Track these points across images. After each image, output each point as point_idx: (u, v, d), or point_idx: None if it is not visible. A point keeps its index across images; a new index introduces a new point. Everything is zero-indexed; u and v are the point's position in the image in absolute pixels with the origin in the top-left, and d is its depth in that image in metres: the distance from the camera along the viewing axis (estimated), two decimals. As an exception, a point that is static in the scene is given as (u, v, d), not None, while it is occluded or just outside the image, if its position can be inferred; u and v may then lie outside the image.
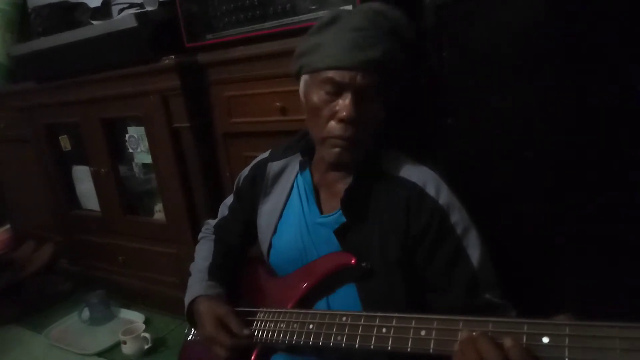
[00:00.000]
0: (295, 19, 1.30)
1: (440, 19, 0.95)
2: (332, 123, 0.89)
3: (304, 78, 0.94)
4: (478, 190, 1.02)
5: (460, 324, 0.68)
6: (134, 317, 1.94)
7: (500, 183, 1.02)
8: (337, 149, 0.90)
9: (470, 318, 0.68)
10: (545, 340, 0.60)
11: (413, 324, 0.73)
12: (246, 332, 0.94)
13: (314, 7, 1.27)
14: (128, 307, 2.04)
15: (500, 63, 0.95)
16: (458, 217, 0.88)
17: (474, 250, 0.87)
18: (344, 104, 0.86)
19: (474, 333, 0.65)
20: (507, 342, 0.61)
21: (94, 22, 1.72)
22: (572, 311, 0.61)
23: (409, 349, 0.72)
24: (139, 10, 1.54)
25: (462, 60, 0.98)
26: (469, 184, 0.97)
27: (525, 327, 0.62)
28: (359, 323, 0.80)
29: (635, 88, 0.82)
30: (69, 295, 2.26)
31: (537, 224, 1.01)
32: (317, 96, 0.90)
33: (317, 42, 0.89)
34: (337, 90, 0.86)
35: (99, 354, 1.76)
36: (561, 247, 0.99)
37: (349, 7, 1.19)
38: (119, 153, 1.94)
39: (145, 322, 1.88)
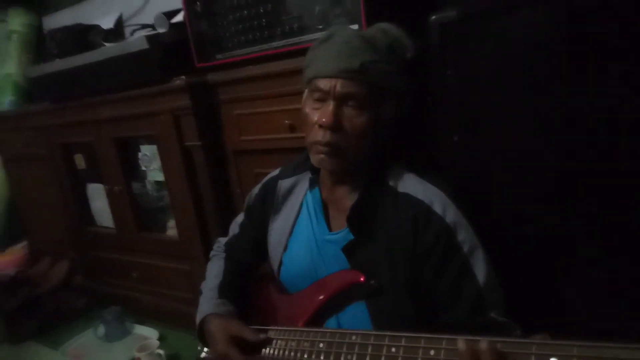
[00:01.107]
0: (303, 38, 1.32)
1: (444, 37, 0.95)
2: (315, 128, 0.91)
3: (305, 91, 0.98)
4: (485, 206, 1.02)
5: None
6: (149, 333, 1.95)
7: (507, 199, 1.02)
8: (320, 155, 0.92)
9: (479, 338, 0.68)
10: (554, 361, 0.60)
11: (422, 344, 0.73)
12: (262, 336, 0.95)
13: (320, 27, 1.29)
14: (142, 323, 2.05)
15: (505, 80, 0.95)
16: (465, 235, 0.88)
17: (480, 269, 0.88)
18: (324, 110, 0.89)
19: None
20: (482, 344, 0.64)
21: (107, 44, 1.76)
22: (552, 330, 0.63)
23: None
24: (150, 33, 1.58)
25: (466, 77, 0.98)
26: (475, 200, 0.97)
27: (534, 348, 0.62)
28: (369, 342, 0.80)
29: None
30: (84, 311, 2.28)
31: (545, 239, 1.00)
32: (308, 105, 0.94)
33: (312, 56, 0.93)
34: (323, 98, 0.90)
35: (114, 371, 1.78)
36: (571, 263, 0.98)
37: (355, 27, 1.21)
38: (132, 171, 1.97)
39: (160, 338, 1.89)
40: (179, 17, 1.60)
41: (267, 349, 0.96)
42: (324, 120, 0.88)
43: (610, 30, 0.84)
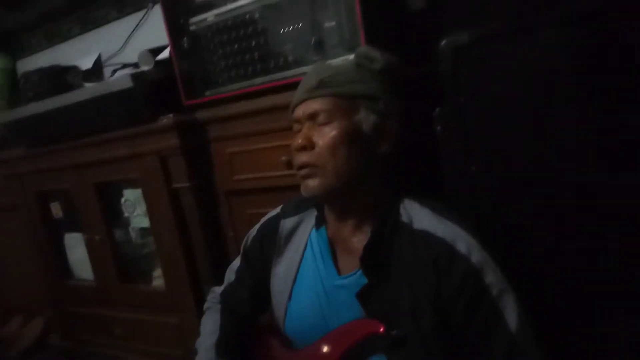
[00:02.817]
0: (298, 70, 1.27)
1: (456, 63, 0.91)
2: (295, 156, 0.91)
3: None
4: (508, 240, 0.95)
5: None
6: (133, 397, 1.79)
7: (532, 232, 0.95)
8: (303, 181, 0.90)
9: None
10: None
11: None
12: None
13: (315, 59, 1.24)
14: (126, 385, 1.88)
15: (522, 105, 0.91)
16: (493, 277, 0.81)
17: (511, 314, 0.80)
18: (298, 135, 0.91)
19: None
20: None
21: (87, 85, 1.68)
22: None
23: None
24: (135, 71, 1.51)
25: (480, 104, 0.93)
26: (497, 235, 0.90)
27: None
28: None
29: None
30: (61, 374, 2.11)
31: (574, 272, 0.93)
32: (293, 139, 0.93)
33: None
34: (299, 127, 0.92)
35: None
36: (602, 299, 0.91)
37: (352, 56, 1.16)
38: (114, 218, 1.86)
39: (146, 402, 1.73)
40: (165, 54, 1.54)
41: (277, 416, 0.85)
42: (294, 144, 0.89)
43: (625, 53, 0.81)
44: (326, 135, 0.86)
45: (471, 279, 0.80)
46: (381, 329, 0.84)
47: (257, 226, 1.10)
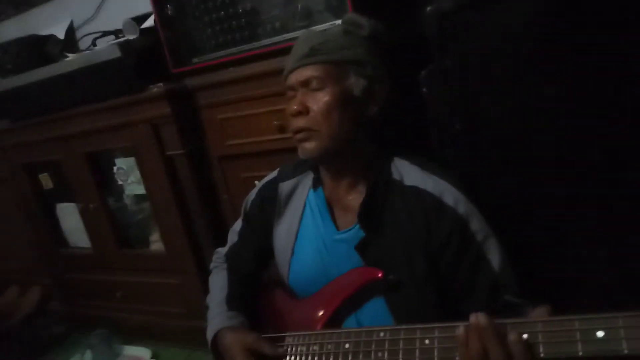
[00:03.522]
0: (286, 36, 1.30)
1: (442, 27, 0.96)
2: (291, 121, 0.95)
3: None
4: (490, 194, 1.03)
5: (508, 327, 0.69)
6: (140, 353, 1.88)
7: (512, 186, 1.04)
8: (300, 144, 0.94)
9: (517, 320, 0.68)
10: (600, 334, 0.61)
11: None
12: (281, 351, 0.93)
13: (302, 25, 1.27)
14: (132, 343, 1.96)
15: (501, 68, 0.97)
16: (477, 225, 0.90)
17: (494, 255, 0.89)
18: (293, 101, 0.94)
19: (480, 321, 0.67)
20: (512, 335, 0.64)
21: (70, 55, 1.66)
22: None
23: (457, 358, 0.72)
24: (121, 40, 1.50)
25: (464, 66, 0.99)
26: (480, 188, 0.98)
27: (577, 324, 0.63)
28: (399, 337, 0.79)
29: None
30: (64, 337, 2.17)
31: (550, 224, 1.03)
32: (287, 106, 0.96)
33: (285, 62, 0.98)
34: (293, 94, 0.95)
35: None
36: (573, 246, 1.01)
37: (338, 22, 1.20)
38: (106, 186, 1.88)
39: (153, 357, 1.83)
40: (150, 22, 1.53)
41: (289, 357, 0.94)
42: (289, 110, 0.93)
43: (607, 15, 0.87)
44: (320, 101, 0.91)
45: (458, 227, 0.89)
46: (380, 275, 0.92)
47: (256, 190, 1.15)
